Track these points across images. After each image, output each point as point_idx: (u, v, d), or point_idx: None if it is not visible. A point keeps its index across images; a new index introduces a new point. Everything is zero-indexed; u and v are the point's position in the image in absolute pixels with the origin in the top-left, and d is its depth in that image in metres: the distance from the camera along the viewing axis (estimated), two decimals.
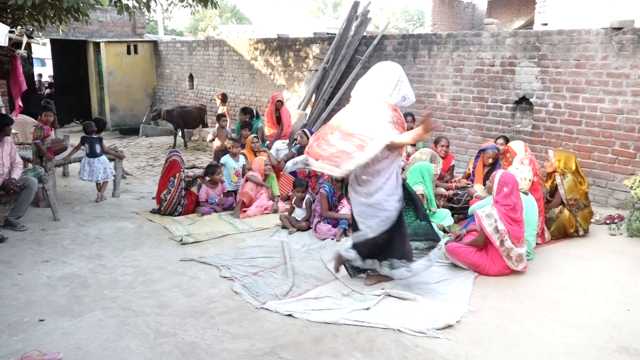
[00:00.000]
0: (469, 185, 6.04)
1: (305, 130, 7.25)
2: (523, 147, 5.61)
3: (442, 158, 6.26)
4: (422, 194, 5.31)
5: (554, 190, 5.49)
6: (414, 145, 7.34)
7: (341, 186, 5.83)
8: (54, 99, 13.94)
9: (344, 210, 5.51)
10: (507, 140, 6.39)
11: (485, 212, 4.33)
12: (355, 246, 4.08)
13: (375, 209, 3.91)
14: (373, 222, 3.93)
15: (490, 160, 5.97)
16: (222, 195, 6.42)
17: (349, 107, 4.03)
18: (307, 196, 5.79)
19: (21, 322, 3.56)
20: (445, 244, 4.95)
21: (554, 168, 5.43)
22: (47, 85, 16.25)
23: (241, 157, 6.89)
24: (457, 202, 5.89)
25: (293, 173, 7.09)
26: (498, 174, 4.48)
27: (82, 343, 3.30)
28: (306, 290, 4.09)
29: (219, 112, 9.97)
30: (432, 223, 4.33)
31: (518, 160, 5.31)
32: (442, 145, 6.41)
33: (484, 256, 4.37)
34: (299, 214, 5.76)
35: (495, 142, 6.44)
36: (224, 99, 10.59)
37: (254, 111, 8.81)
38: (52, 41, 13.93)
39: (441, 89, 8.05)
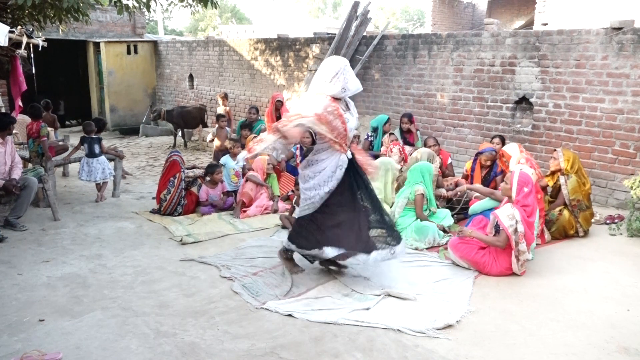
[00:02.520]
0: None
1: (310, 130, 7.22)
2: (517, 148, 5.60)
3: None
4: (422, 194, 5.31)
5: (556, 190, 5.48)
6: (412, 144, 7.35)
7: None
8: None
9: None
10: (502, 139, 6.39)
11: (506, 212, 4.25)
12: (291, 238, 4.29)
13: (306, 193, 4.17)
14: (304, 204, 4.22)
15: (488, 163, 5.97)
16: (222, 194, 6.42)
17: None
18: None
19: (21, 322, 3.56)
20: (445, 243, 4.97)
21: (559, 167, 5.40)
22: None
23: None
24: (457, 202, 5.88)
25: (294, 172, 7.09)
26: (515, 174, 4.40)
27: (82, 343, 3.30)
28: (306, 290, 4.09)
29: (219, 111, 9.96)
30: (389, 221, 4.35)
31: (515, 161, 5.30)
32: (430, 146, 6.41)
33: (486, 255, 4.36)
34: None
35: (491, 141, 6.44)
36: (225, 98, 10.59)
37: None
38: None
39: (441, 89, 8.05)
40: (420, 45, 8.27)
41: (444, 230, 5.28)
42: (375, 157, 6.52)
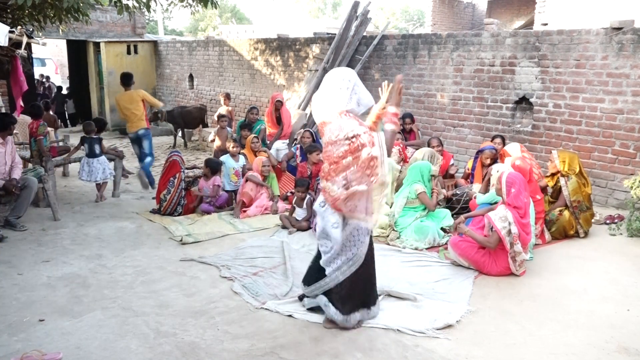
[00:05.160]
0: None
1: (310, 130, 7.26)
2: (518, 148, 5.59)
3: None
4: (424, 191, 5.32)
5: (557, 191, 5.48)
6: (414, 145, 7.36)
7: None
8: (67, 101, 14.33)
9: None
10: (503, 140, 6.41)
11: (499, 214, 4.27)
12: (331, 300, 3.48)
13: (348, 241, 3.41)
14: (340, 261, 3.43)
15: (489, 161, 5.98)
16: (213, 186, 6.35)
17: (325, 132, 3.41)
18: (308, 196, 5.79)
19: (21, 322, 3.56)
20: (445, 243, 4.97)
21: (557, 169, 5.41)
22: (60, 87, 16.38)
23: (241, 157, 6.88)
24: (456, 202, 5.88)
25: (294, 172, 7.10)
26: (503, 175, 4.42)
27: (82, 343, 3.30)
28: None
29: (221, 111, 9.94)
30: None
31: (509, 161, 5.28)
32: (433, 146, 6.42)
33: (486, 255, 4.36)
34: (300, 213, 5.76)
35: (492, 141, 6.45)
36: (228, 98, 10.51)
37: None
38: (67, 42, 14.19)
39: (441, 89, 8.05)
40: (420, 45, 8.27)
41: (444, 230, 5.28)
42: None
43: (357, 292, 3.48)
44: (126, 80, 7.30)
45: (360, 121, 3.36)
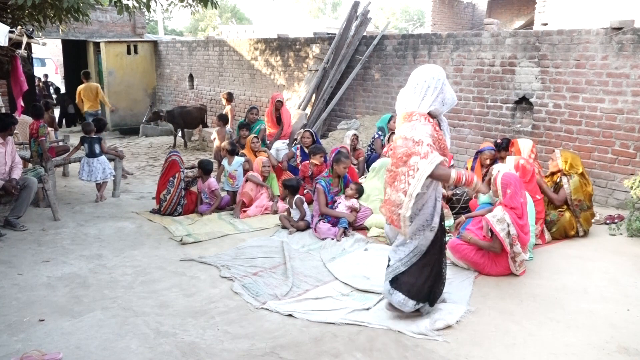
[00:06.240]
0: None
1: (310, 130, 7.26)
2: (529, 147, 5.53)
3: None
4: None
5: (557, 190, 5.47)
6: None
7: (338, 182, 5.86)
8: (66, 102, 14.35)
9: (341, 206, 5.54)
10: (508, 142, 6.33)
11: (497, 217, 4.26)
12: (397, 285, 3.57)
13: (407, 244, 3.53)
14: (403, 253, 3.55)
15: (488, 162, 5.96)
16: (210, 191, 6.37)
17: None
18: (297, 196, 5.79)
19: (21, 322, 3.56)
20: (445, 243, 4.96)
21: (559, 168, 5.40)
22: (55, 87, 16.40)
23: (236, 159, 6.80)
24: (456, 202, 5.88)
25: (295, 172, 7.09)
26: (498, 177, 4.40)
27: (82, 343, 3.31)
28: (306, 290, 4.09)
29: (225, 111, 9.92)
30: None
31: (511, 160, 5.27)
32: None
33: (485, 256, 4.36)
34: (295, 214, 5.76)
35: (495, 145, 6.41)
36: (229, 98, 10.44)
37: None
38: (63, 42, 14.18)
39: None
40: (420, 45, 8.27)
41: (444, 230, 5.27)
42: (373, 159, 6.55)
43: (420, 284, 3.54)
44: (88, 75, 11.30)
45: (434, 130, 3.37)
